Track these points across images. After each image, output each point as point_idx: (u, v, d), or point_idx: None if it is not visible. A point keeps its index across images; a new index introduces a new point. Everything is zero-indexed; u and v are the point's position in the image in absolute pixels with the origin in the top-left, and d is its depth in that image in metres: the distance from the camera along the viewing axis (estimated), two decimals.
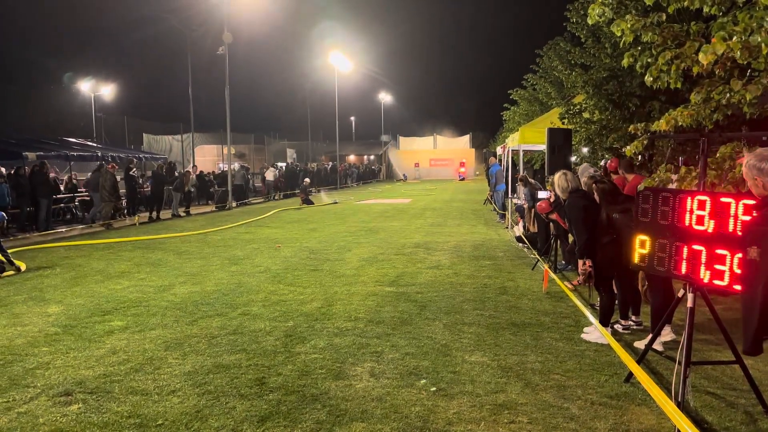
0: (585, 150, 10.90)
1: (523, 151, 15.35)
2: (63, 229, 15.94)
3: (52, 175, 18.45)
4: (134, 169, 19.64)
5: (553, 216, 8.41)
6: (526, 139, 13.06)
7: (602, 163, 9.82)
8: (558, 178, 6.10)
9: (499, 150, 21.22)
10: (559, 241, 9.30)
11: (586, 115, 9.27)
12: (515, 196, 15.30)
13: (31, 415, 4.10)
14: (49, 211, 16.21)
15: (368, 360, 5.13)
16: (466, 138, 65.89)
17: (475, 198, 27.54)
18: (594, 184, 5.86)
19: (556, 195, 7.39)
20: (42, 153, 17.94)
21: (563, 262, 9.45)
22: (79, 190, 19.81)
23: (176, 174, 20.52)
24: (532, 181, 11.35)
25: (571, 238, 8.89)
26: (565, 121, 9.90)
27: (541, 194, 8.79)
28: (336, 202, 26.44)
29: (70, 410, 4.17)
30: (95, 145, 24.61)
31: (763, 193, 3.13)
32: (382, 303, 7.19)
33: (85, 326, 6.31)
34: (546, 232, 10.24)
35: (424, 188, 39.54)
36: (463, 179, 53.52)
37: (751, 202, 3.67)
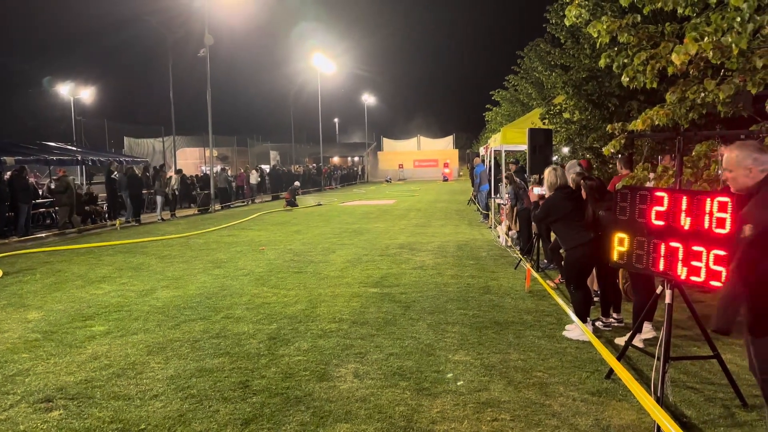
0: (565, 150, 11.00)
1: (505, 151, 15.45)
2: (43, 234, 15.74)
3: (31, 179, 18.21)
4: (115, 173, 19.40)
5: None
6: (508, 139, 13.16)
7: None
8: (548, 173, 6.16)
9: (482, 150, 21.33)
10: (541, 240, 9.39)
11: (566, 115, 9.36)
12: (498, 195, 15.41)
13: (11, 422, 4.05)
14: (29, 216, 16.00)
15: (352, 361, 5.15)
16: (450, 139, 66.11)
17: (458, 198, 27.65)
18: (582, 181, 5.93)
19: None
20: (21, 157, 17.67)
21: (545, 261, 9.54)
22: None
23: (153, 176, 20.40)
24: (518, 179, 11.39)
25: (553, 237, 8.98)
26: (546, 121, 9.99)
27: (537, 189, 8.86)
28: (320, 204, 26.39)
29: (51, 416, 4.13)
30: (75, 149, 24.30)
31: (755, 180, 3.19)
32: (366, 304, 7.20)
33: (65, 332, 6.25)
34: (528, 232, 10.33)
35: (408, 189, 39.60)
36: (446, 180, 53.71)
37: (726, 199, 3.75)
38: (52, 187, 16.86)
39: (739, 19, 3.77)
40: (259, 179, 32.00)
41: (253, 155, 43.53)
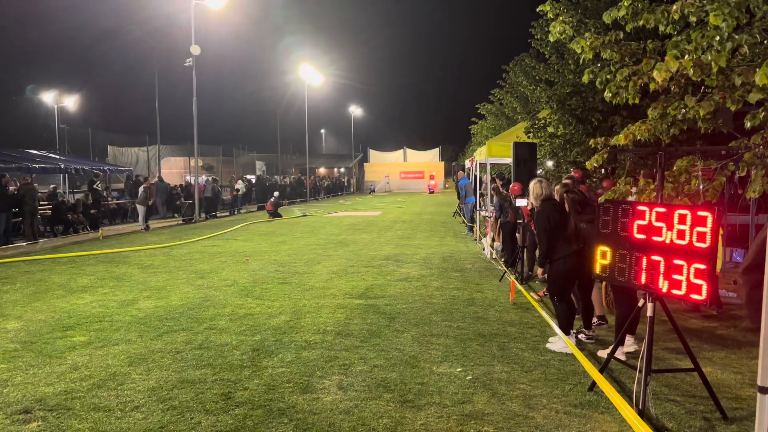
0: (550, 163, 11.11)
1: (490, 164, 15.56)
2: (23, 244, 15.52)
3: (11, 187, 17.96)
4: (98, 182, 19.23)
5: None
6: (493, 152, 13.23)
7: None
8: (533, 185, 6.23)
9: (467, 163, 21.45)
10: (527, 252, 9.43)
11: (550, 129, 9.46)
12: (483, 208, 15.49)
13: None
14: (9, 224, 15.77)
15: (336, 373, 5.13)
16: (436, 151, 66.41)
17: (444, 210, 27.75)
18: (565, 194, 6.01)
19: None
20: (2, 165, 17.46)
21: (532, 274, 9.58)
22: (41, 203, 19.31)
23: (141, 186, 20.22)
24: (504, 192, 11.46)
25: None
26: (531, 135, 10.09)
27: (520, 202, 8.93)
28: (305, 215, 26.32)
29: (29, 428, 4.06)
30: (58, 157, 24.04)
31: None
32: (351, 315, 7.19)
33: (45, 342, 6.16)
34: (512, 244, 10.38)
35: (393, 201, 39.66)
36: (432, 192, 53.88)
37: (706, 214, 3.82)
38: (15, 193, 16.49)
39: (718, 38, 3.86)
40: (244, 189, 31.87)
41: (239, 165, 43.36)
